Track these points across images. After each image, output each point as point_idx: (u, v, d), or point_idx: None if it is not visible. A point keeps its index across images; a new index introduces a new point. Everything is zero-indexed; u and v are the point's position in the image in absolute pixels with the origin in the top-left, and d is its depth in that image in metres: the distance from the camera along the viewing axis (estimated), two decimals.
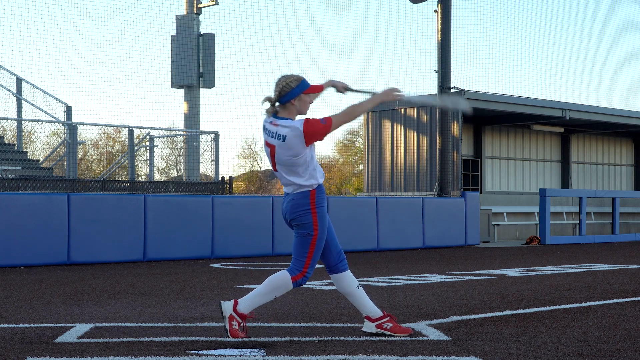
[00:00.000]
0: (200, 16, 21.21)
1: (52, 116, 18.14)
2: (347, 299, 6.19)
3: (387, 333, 5.98)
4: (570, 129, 27.49)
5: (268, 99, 5.97)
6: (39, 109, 18.28)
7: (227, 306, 5.89)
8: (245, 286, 9.89)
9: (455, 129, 21.48)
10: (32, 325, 6.58)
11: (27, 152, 20.23)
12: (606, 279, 10.91)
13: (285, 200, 6.04)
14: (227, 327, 5.84)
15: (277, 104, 5.95)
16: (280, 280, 5.96)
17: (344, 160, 49.32)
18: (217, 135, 18.60)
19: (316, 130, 5.80)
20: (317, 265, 13.64)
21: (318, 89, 6.04)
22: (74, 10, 19.68)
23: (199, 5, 21.19)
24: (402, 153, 23.69)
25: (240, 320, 5.88)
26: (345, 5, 28.95)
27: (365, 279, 10.88)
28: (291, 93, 5.89)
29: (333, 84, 6.24)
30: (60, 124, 17.85)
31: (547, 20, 40.11)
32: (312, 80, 6.15)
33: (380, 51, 34.76)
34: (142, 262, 14.49)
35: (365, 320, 6.09)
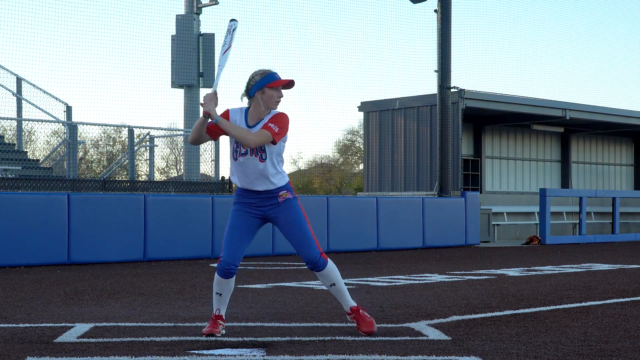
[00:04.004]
0: (200, 16, 21.22)
1: (52, 116, 18.15)
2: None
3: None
4: (570, 129, 27.50)
5: (243, 94, 6.13)
6: (39, 108, 18.29)
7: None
8: (245, 286, 9.89)
9: (455, 128, 21.47)
10: (32, 325, 6.58)
11: (27, 152, 20.23)
12: (606, 279, 10.91)
13: None
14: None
15: (248, 98, 6.08)
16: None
17: (344, 160, 49.31)
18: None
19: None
20: None
21: (281, 83, 6.03)
22: (74, 10, 19.69)
23: (199, 5, 21.19)
24: (402, 153, 23.70)
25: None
26: (346, 5, 28.94)
27: (365, 278, 10.88)
28: (255, 86, 6.00)
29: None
30: (60, 124, 17.86)
31: (547, 20, 40.11)
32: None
33: (380, 51, 34.75)
34: (142, 262, 14.49)
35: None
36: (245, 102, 6.15)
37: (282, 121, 5.99)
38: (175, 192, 17.80)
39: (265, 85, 5.98)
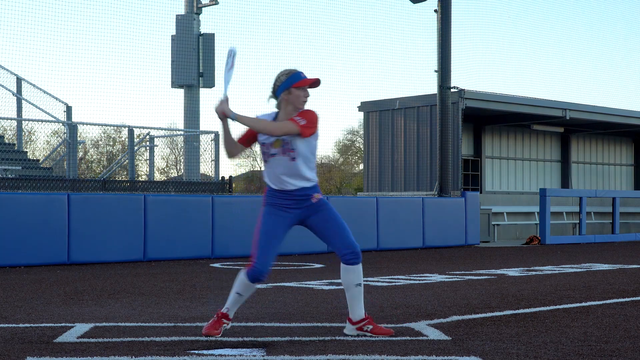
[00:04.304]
0: (200, 16, 21.22)
1: (52, 116, 18.15)
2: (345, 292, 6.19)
3: (369, 334, 5.98)
4: (570, 129, 27.50)
5: (270, 96, 6.08)
6: (39, 108, 18.29)
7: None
8: None
9: (455, 128, 21.47)
10: (32, 325, 6.58)
11: (27, 152, 20.23)
12: (606, 279, 10.91)
13: None
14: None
15: (275, 100, 6.04)
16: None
17: (344, 160, 49.31)
18: (217, 135, 18.60)
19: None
20: (318, 265, 13.63)
21: (307, 82, 6.00)
22: (74, 10, 19.70)
23: (199, 5, 21.20)
24: (402, 153, 23.70)
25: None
26: (346, 5, 28.97)
27: (365, 279, 10.86)
28: (281, 87, 5.96)
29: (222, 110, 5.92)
30: (60, 124, 17.86)
31: (547, 20, 40.12)
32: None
33: (380, 51, 34.75)
34: (142, 262, 14.49)
35: (347, 321, 6.09)
36: (272, 104, 6.09)
37: (309, 116, 5.92)
38: (175, 192, 17.80)
39: (291, 86, 5.94)
